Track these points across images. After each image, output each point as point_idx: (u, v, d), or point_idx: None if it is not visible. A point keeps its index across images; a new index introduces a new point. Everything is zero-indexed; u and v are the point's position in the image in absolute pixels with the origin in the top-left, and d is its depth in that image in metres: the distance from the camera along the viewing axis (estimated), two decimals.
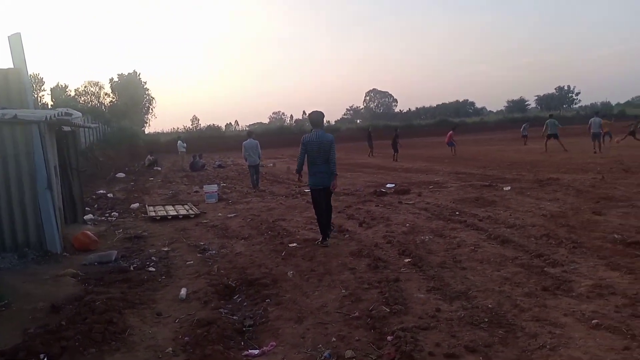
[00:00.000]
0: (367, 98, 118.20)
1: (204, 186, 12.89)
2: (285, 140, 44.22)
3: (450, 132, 24.81)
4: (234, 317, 4.36)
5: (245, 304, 4.70)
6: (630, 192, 9.21)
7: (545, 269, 5.05)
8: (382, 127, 50.61)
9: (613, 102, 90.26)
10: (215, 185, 13.31)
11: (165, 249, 7.13)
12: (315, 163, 6.85)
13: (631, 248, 5.56)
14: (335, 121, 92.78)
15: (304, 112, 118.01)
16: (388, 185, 12.60)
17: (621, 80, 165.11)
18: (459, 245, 6.23)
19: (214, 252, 6.79)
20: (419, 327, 3.76)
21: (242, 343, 3.84)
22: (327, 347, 3.57)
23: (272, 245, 6.88)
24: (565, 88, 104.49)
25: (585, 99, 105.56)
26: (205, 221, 9.24)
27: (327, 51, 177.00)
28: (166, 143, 40.78)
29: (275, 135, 50.67)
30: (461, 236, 6.72)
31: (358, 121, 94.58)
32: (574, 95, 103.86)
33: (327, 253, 6.26)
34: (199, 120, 75.75)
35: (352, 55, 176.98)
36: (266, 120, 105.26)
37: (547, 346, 3.33)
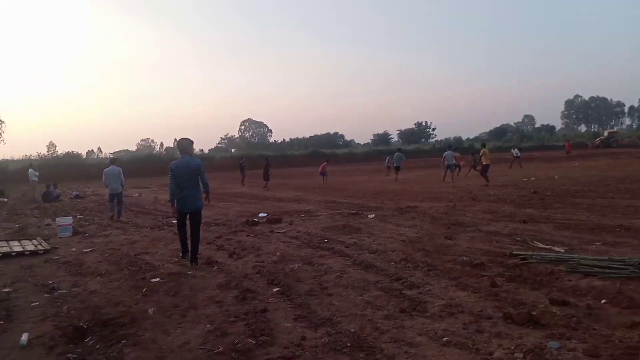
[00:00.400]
0: (242, 127, 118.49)
1: (57, 218, 11.69)
2: (154, 169, 42.32)
3: (325, 163, 25.76)
4: None
5: (98, 346, 4.27)
6: (477, 218, 10.24)
7: (403, 291, 5.35)
8: (256, 157, 50.80)
9: (464, 137, 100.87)
10: (70, 217, 12.15)
11: (6, 290, 6.27)
12: (183, 188, 7.08)
13: (477, 269, 6.13)
14: (209, 150, 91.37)
15: (175, 139, 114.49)
16: (260, 215, 12.57)
17: (471, 118, 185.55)
18: (326, 272, 6.37)
19: (64, 291, 6.12)
20: (284, 357, 3.73)
21: None
22: None
23: (132, 282, 6.41)
24: (423, 124, 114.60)
25: (440, 134, 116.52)
26: (56, 257, 8.34)
27: (201, 79, 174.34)
28: (16, 171, 36.63)
29: (144, 163, 48.24)
30: (328, 263, 6.89)
31: (233, 150, 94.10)
32: (430, 130, 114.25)
33: (194, 286, 6.00)
34: (56, 146, 69.24)
35: (227, 84, 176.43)
36: (134, 148, 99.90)
37: None
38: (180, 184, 7.05)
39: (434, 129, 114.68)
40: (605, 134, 68.52)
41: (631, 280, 5.26)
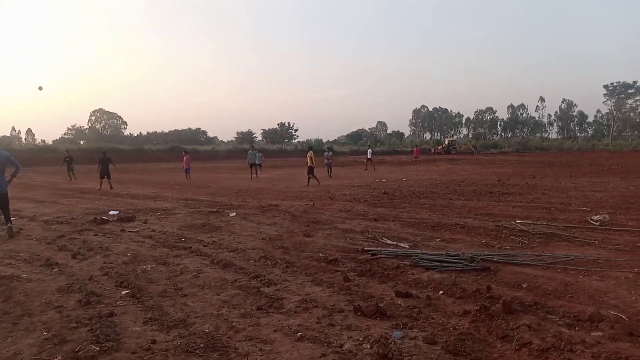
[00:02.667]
0: (93, 118, 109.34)
1: None
2: None
3: (186, 155, 24.80)
4: None
5: None
6: (334, 217, 10.71)
7: (261, 289, 5.38)
8: (110, 150, 47.15)
9: (324, 139, 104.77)
10: None
11: None
12: None
13: (331, 265, 6.40)
14: (53, 141, 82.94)
15: (13, 128, 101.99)
16: (111, 213, 11.72)
17: (331, 121, 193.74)
18: (181, 272, 6.15)
19: None
20: None
21: None
22: None
23: None
24: (286, 124, 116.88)
25: (302, 135, 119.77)
26: None
27: (42, 61, 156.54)
28: None
29: None
30: (185, 262, 6.66)
31: (81, 142, 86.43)
32: (293, 131, 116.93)
33: (28, 291, 5.37)
34: None
35: (75, 70, 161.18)
36: None
37: None
38: None
39: (296, 130, 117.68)
40: (446, 141, 77.00)
41: (464, 273, 5.91)
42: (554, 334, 3.90)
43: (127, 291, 5.32)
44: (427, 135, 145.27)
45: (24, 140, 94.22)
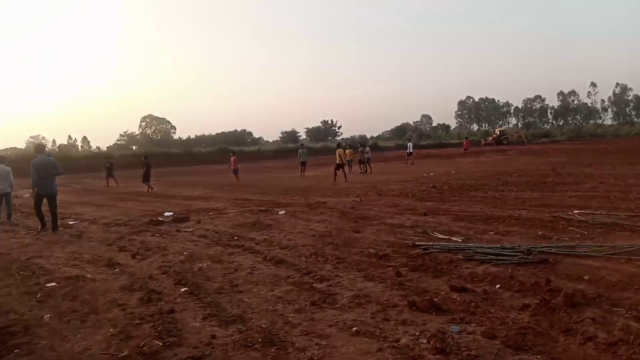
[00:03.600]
0: (143, 124, 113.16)
1: None
2: None
3: (234, 157, 25.21)
4: None
5: None
6: (382, 212, 10.66)
7: (313, 284, 5.44)
8: (159, 155, 48.91)
9: (368, 135, 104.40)
10: None
11: None
12: (42, 178, 10.07)
13: (382, 260, 6.38)
14: (108, 147, 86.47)
15: (69, 136, 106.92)
16: (166, 214, 12.12)
17: (374, 117, 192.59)
18: (236, 270, 6.30)
19: None
20: (193, 356, 3.65)
21: None
22: None
23: (24, 287, 5.90)
24: (329, 122, 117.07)
25: (346, 132, 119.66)
26: None
27: (95, 72, 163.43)
28: None
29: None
30: (238, 260, 6.81)
31: (134, 147, 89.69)
32: (336, 128, 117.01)
33: (94, 290, 5.66)
34: None
35: (125, 78, 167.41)
36: (22, 145, 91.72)
37: (315, 358, 3.56)
38: (40, 175, 10.01)
39: (339, 127, 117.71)
40: (497, 132, 74.48)
41: (521, 266, 5.75)
42: (621, 327, 3.74)
43: (186, 288, 5.51)
44: (475, 127, 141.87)
45: (80, 148, 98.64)
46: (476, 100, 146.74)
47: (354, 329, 4.06)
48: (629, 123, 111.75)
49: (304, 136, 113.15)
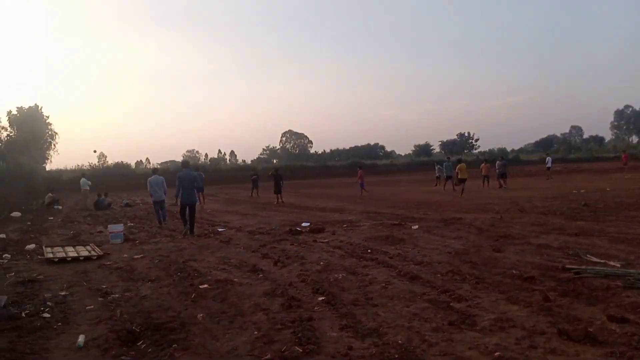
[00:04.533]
0: (284, 139, 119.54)
1: (109, 226, 12.16)
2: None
3: (360, 170, 25.56)
4: None
5: (149, 350, 4.40)
6: (526, 231, 9.96)
7: (451, 304, 5.26)
8: (297, 167, 51.28)
9: (509, 148, 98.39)
10: (121, 224, 12.60)
11: (63, 293, 6.57)
12: (185, 188, 11.71)
13: (527, 282, 5.95)
14: (252, 160, 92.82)
15: (219, 150, 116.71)
16: (303, 224, 12.65)
17: (515, 128, 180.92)
18: (370, 283, 6.34)
19: (117, 295, 6.35)
20: None
21: None
22: None
23: (181, 288, 6.58)
24: (466, 134, 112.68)
25: (484, 145, 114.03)
26: (108, 263, 8.67)
27: (243, 91, 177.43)
28: (69, 181, 38.22)
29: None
30: (373, 273, 6.85)
31: (275, 161, 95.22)
32: (473, 141, 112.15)
33: (240, 294, 6.09)
34: (106, 157, 71.63)
35: (268, 96, 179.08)
36: (179, 158, 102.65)
37: None
38: (184, 187, 11.62)
39: (477, 140, 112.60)
40: None
41: None
42: None
43: (323, 298, 5.68)
44: (634, 139, 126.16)
45: (228, 161, 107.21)
46: (637, 109, 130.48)
47: (497, 353, 3.83)
48: None
49: (437, 149, 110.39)
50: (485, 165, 25.29)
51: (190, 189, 11.77)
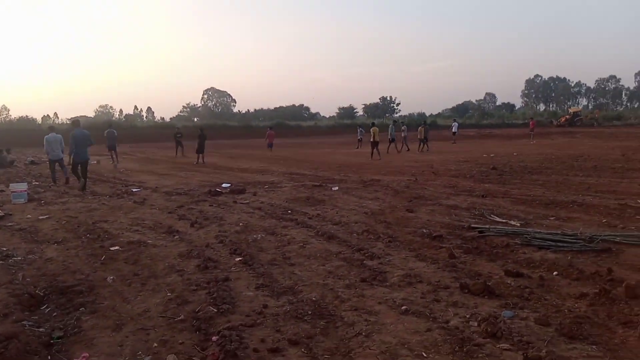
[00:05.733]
0: (205, 96, 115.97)
1: (11, 185, 11.26)
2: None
3: (270, 131, 25.83)
4: (40, 330, 3.85)
5: (55, 314, 4.19)
6: (437, 192, 10.46)
7: (364, 261, 5.45)
8: (219, 127, 50.05)
9: (427, 113, 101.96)
10: (25, 183, 11.70)
11: None
12: (79, 147, 11.87)
13: (436, 241, 6.29)
14: (171, 118, 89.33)
15: (135, 107, 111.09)
16: (223, 185, 12.45)
17: (434, 94, 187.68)
18: (289, 243, 6.41)
19: (19, 258, 5.93)
20: (246, 324, 3.77)
21: (49, 357, 3.42)
22: (147, 354, 3.37)
23: (90, 250, 6.27)
24: (388, 98, 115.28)
25: (404, 109, 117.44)
26: (10, 224, 8.05)
27: (162, 44, 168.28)
28: None
29: (102, 129, 46.77)
30: (291, 233, 6.92)
31: (195, 119, 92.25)
32: (395, 105, 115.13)
33: (154, 255, 5.93)
34: (9, 110, 65.83)
35: (189, 52, 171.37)
36: (92, 114, 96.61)
37: (363, 333, 3.58)
38: (77, 144, 11.80)
39: (398, 104, 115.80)
40: (571, 112, 70.32)
41: (581, 254, 5.51)
42: None
43: (240, 258, 5.67)
44: (542, 107, 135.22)
45: (144, 118, 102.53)
46: (545, 79, 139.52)
47: (404, 307, 4.05)
48: None
49: (361, 112, 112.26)
50: (423, 128, 25.98)
51: (83, 147, 12.00)
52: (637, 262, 5.12)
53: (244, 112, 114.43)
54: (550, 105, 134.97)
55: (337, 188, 11.45)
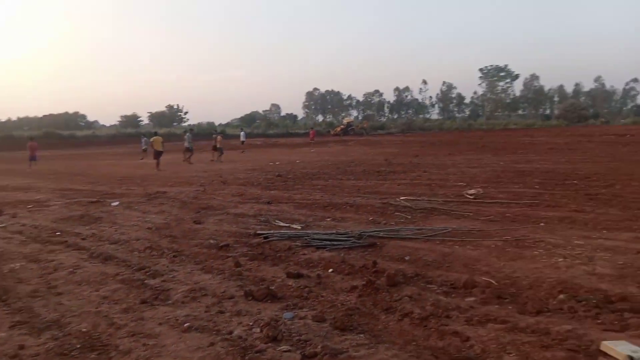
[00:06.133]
0: None
1: None
2: None
3: (33, 143, 23.89)
4: None
5: None
6: (226, 201, 10.48)
7: (145, 281, 5.11)
8: None
9: (217, 122, 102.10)
10: None
11: None
12: None
13: (222, 251, 6.25)
14: None
15: None
16: None
17: (223, 104, 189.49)
18: (55, 269, 5.65)
19: None
20: None
21: None
22: None
23: None
24: (175, 107, 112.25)
25: (193, 119, 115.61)
26: None
27: None
28: None
29: None
30: (60, 258, 6.12)
31: None
32: (183, 114, 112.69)
33: None
34: None
35: None
36: None
37: (141, 359, 3.32)
38: None
39: (186, 113, 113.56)
40: (345, 123, 77.97)
41: (352, 250, 6.09)
42: (432, 302, 4.15)
43: None
44: (320, 117, 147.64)
45: None
46: (322, 92, 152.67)
47: (186, 324, 3.89)
48: (451, 118, 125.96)
49: (146, 121, 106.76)
50: (219, 137, 25.78)
51: None
52: (396, 253, 5.87)
53: (4, 120, 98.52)
54: (327, 116, 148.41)
55: (117, 203, 10.59)
